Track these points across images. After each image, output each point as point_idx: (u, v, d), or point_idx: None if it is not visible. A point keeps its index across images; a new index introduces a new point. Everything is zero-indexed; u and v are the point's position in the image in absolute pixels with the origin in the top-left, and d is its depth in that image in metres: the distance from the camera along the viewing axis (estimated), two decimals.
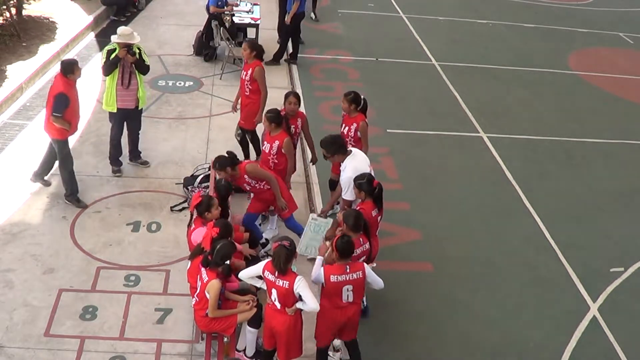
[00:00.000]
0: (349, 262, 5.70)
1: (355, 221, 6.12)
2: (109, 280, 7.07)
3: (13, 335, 6.24)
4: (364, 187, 6.60)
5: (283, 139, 7.57)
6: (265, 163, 7.70)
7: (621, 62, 15.72)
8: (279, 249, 5.53)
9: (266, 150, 7.70)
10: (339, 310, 5.76)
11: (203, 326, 6.02)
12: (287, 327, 5.62)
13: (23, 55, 11.61)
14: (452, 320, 7.19)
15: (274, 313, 5.67)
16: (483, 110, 12.12)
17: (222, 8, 12.50)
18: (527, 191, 9.71)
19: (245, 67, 8.83)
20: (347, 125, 7.90)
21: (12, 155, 9.07)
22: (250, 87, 8.72)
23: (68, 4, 14.44)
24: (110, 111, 8.63)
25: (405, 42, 15.31)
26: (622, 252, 8.62)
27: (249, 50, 8.79)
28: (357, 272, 5.71)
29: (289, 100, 7.95)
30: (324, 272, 5.65)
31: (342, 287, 5.67)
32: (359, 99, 7.89)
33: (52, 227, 7.76)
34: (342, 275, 5.64)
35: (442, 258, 8.14)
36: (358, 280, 5.73)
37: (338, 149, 7.07)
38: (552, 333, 7.15)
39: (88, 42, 13.02)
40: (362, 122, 7.83)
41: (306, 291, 5.50)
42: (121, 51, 8.26)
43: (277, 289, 5.54)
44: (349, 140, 7.81)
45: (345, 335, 6.05)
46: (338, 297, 5.70)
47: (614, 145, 11.56)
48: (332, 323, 5.83)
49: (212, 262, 5.80)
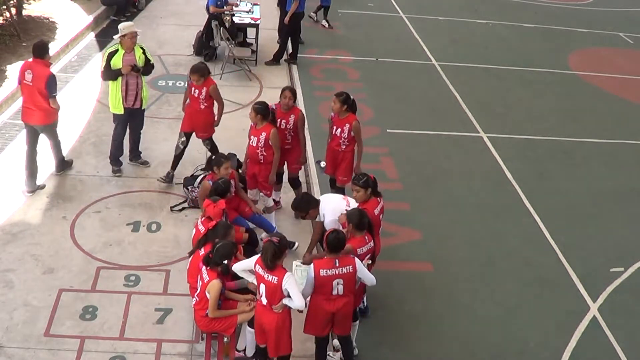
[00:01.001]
0: (338, 257, 5.71)
1: (359, 219, 6.12)
2: (109, 280, 7.07)
3: (13, 335, 6.24)
4: (370, 183, 6.60)
5: (270, 130, 7.59)
6: (254, 157, 7.71)
7: (621, 62, 15.72)
8: (267, 244, 5.55)
9: (253, 144, 7.68)
10: (328, 302, 5.78)
11: (203, 326, 6.02)
12: (275, 324, 5.62)
13: (23, 55, 11.59)
14: (452, 320, 7.19)
15: (263, 310, 5.68)
16: (483, 110, 12.12)
17: (222, 8, 12.51)
18: (527, 191, 9.71)
19: (199, 87, 8.42)
20: (339, 126, 7.87)
21: (12, 155, 9.06)
22: (205, 104, 8.51)
23: (68, 4, 14.44)
24: (117, 113, 8.63)
25: (405, 42, 15.31)
26: (622, 252, 8.62)
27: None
28: (347, 267, 5.72)
29: (284, 94, 7.94)
30: (314, 266, 5.68)
31: (332, 281, 5.69)
32: (349, 99, 7.84)
33: (52, 227, 7.76)
34: (331, 269, 5.67)
35: (442, 258, 8.14)
36: (348, 275, 5.74)
37: (311, 204, 6.84)
38: (552, 333, 7.15)
39: (88, 42, 13.02)
40: (354, 121, 7.82)
41: (294, 288, 5.52)
42: (125, 67, 8.28)
43: (266, 284, 5.55)
44: (343, 141, 7.86)
45: (338, 329, 6.03)
46: (328, 290, 5.73)
47: (614, 145, 11.56)
48: (321, 312, 5.83)
49: (212, 261, 5.81)
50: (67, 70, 11.77)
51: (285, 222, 8.31)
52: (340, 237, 5.75)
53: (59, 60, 11.99)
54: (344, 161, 8.00)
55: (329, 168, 8.24)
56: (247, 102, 11.34)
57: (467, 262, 8.14)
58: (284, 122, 7.96)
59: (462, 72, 13.83)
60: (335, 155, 8.03)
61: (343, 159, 8.00)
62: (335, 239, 5.70)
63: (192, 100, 8.50)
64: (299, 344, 6.50)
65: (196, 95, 8.41)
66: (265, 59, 13.09)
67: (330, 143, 8.07)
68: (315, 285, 5.72)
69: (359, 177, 6.69)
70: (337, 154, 8.01)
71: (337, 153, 8.00)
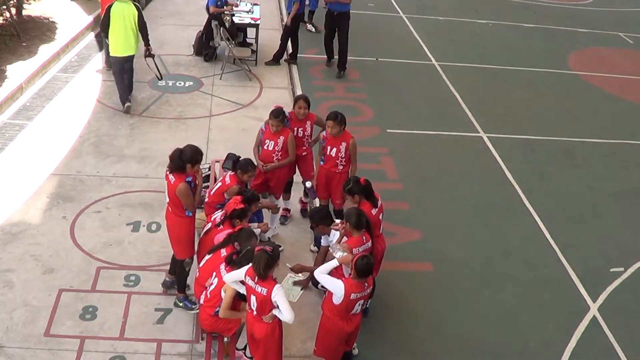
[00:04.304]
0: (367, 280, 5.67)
1: (357, 219, 6.12)
2: (109, 280, 7.06)
3: (13, 335, 6.24)
4: (355, 189, 6.59)
5: (287, 134, 7.62)
6: (269, 161, 7.68)
7: (621, 62, 15.72)
8: (260, 253, 5.41)
9: (269, 148, 7.65)
10: (346, 321, 5.74)
11: (208, 325, 6.01)
12: (265, 334, 5.56)
13: (23, 55, 11.61)
14: (452, 320, 7.19)
15: (253, 320, 5.62)
16: (483, 110, 12.12)
17: (222, 8, 12.50)
18: (527, 191, 9.71)
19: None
20: (334, 146, 7.42)
21: (12, 155, 9.07)
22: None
23: (68, 4, 14.44)
24: (119, 55, 10.11)
25: (405, 42, 15.31)
26: (622, 252, 8.62)
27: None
28: (370, 287, 5.75)
29: (298, 104, 7.83)
30: (346, 288, 5.53)
31: (357, 302, 5.67)
32: (344, 117, 7.41)
33: (52, 227, 7.76)
34: (361, 292, 5.63)
35: (442, 258, 8.14)
36: (368, 295, 5.79)
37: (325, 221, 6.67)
38: (552, 333, 7.14)
39: (88, 42, 13.01)
40: (351, 139, 7.41)
41: (283, 301, 5.42)
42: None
43: (256, 296, 5.47)
44: (340, 161, 7.45)
45: (349, 344, 6.05)
46: (349, 311, 5.68)
47: (614, 145, 11.56)
48: (340, 333, 5.79)
49: (236, 262, 5.78)
50: (67, 70, 11.77)
51: (286, 227, 8.32)
52: (370, 262, 5.60)
53: (59, 60, 11.99)
54: (341, 182, 7.31)
55: (322, 192, 7.75)
56: (247, 102, 11.35)
57: (467, 262, 8.14)
58: (300, 129, 7.86)
59: (462, 72, 13.83)
60: (331, 177, 7.57)
61: (340, 181, 7.42)
62: (365, 265, 5.52)
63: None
64: (299, 344, 6.52)
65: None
66: (265, 59, 13.08)
67: (323, 166, 7.58)
68: (340, 305, 5.60)
69: (345, 184, 6.73)
70: (332, 175, 7.55)
71: (333, 175, 7.54)
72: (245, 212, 6.50)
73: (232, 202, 6.58)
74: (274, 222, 8.02)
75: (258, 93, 11.78)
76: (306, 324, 6.62)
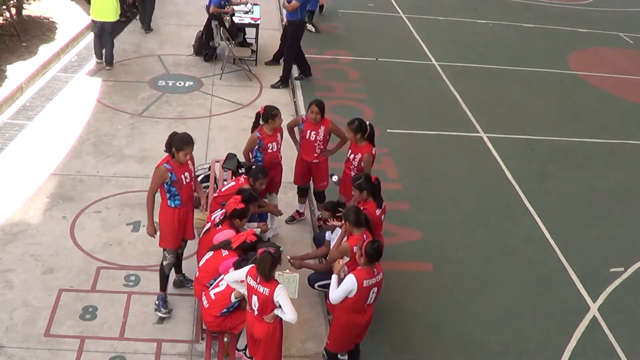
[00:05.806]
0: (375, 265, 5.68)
1: (356, 216, 6.13)
2: (109, 280, 7.07)
3: (13, 335, 6.24)
4: (364, 185, 6.60)
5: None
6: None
7: (621, 62, 15.71)
8: (264, 255, 5.43)
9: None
10: (359, 313, 5.74)
11: (215, 326, 6.00)
12: (265, 334, 5.57)
13: (23, 55, 11.61)
14: (452, 320, 7.19)
15: (253, 320, 5.62)
16: (483, 110, 12.12)
17: (224, 8, 12.50)
18: (527, 191, 9.71)
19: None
20: (352, 152, 7.43)
21: (12, 155, 9.07)
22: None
23: (68, 4, 14.44)
24: (97, 20, 11.42)
25: (405, 42, 15.30)
26: (622, 252, 8.62)
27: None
28: (380, 274, 5.73)
29: (311, 109, 7.69)
30: (357, 277, 5.54)
31: (370, 290, 5.66)
32: (364, 126, 7.32)
33: (52, 227, 7.76)
34: (372, 278, 5.63)
35: (442, 258, 8.14)
36: (380, 282, 5.76)
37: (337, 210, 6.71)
38: (552, 333, 7.15)
39: (88, 42, 12.99)
40: (367, 154, 7.30)
41: (286, 301, 5.42)
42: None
43: (258, 296, 5.47)
44: (352, 169, 7.43)
45: (360, 338, 6.05)
46: (363, 300, 5.67)
47: (614, 145, 11.56)
48: (355, 327, 5.81)
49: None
50: (67, 70, 11.77)
51: (286, 227, 8.32)
52: (379, 246, 5.63)
53: (59, 60, 11.99)
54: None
55: (341, 187, 7.80)
56: (247, 102, 11.35)
57: (467, 262, 8.14)
58: (313, 133, 7.76)
59: (462, 72, 13.82)
60: (346, 177, 7.59)
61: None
62: (376, 249, 5.57)
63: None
64: (299, 344, 6.52)
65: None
66: (265, 59, 13.08)
67: (345, 163, 7.63)
68: (355, 297, 5.60)
69: (356, 178, 6.72)
70: (347, 177, 7.55)
71: (347, 177, 7.53)
72: (245, 212, 6.50)
73: (232, 202, 6.57)
74: (274, 223, 8.02)
75: (258, 93, 11.78)
76: (306, 324, 6.63)
